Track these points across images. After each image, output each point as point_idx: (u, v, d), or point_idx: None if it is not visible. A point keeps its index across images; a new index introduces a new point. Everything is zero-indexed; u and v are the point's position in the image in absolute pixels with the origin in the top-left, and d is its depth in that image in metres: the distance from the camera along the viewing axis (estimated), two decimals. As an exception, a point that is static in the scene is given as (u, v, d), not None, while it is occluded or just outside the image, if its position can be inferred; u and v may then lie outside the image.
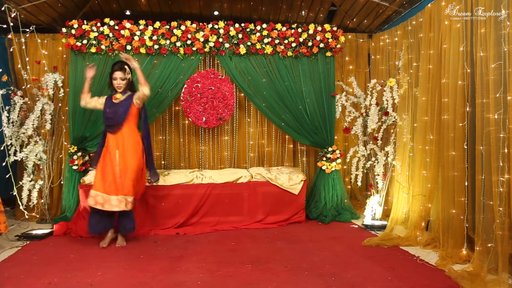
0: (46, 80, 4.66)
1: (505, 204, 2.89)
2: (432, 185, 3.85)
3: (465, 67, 3.42)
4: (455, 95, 3.49)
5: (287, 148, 5.54)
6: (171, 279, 3.02)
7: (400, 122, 4.40)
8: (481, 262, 3.02)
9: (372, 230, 4.39)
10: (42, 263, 3.37)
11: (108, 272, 3.16)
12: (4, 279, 3.02)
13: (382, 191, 4.62)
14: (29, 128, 4.47)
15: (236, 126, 5.44)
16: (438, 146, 3.76)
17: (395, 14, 5.07)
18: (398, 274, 3.08)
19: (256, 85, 4.94)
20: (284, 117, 4.99)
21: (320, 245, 3.84)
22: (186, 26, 4.78)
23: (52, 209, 4.98)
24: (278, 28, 4.90)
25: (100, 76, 4.73)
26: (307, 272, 3.13)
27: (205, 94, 4.92)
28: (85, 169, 4.78)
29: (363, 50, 5.65)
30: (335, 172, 5.00)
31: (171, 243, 3.95)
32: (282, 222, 4.64)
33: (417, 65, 4.19)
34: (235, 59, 4.92)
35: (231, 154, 5.46)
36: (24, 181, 4.58)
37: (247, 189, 4.64)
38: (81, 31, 4.63)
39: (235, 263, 3.34)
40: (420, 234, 3.88)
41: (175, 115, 5.36)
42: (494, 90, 3.01)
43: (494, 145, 2.98)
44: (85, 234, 4.13)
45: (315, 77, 5.02)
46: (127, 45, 4.72)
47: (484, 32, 3.14)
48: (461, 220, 3.43)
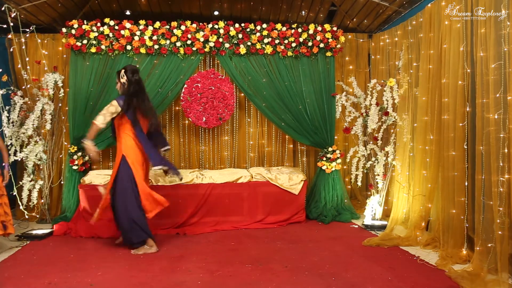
0: (46, 80, 4.65)
1: (505, 204, 2.89)
2: (432, 185, 3.85)
3: (465, 67, 3.42)
4: (455, 95, 3.49)
5: (287, 148, 5.54)
6: (171, 279, 3.02)
7: (400, 122, 4.40)
8: (481, 262, 3.02)
9: (372, 230, 4.39)
10: (42, 263, 3.37)
11: (108, 272, 3.16)
12: (4, 279, 3.03)
13: (382, 191, 4.62)
14: (29, 128, 4.47)
15: (236, 126, 5.43)
16: (438, 146, 3.76)
17: (395, 14, 5.07)
18: (398, 274, 3.08)
19: (256, 85, 4.94)
20: (284, 117, 4.99)
21: (320, 245, 3.84)
22: (186, 26, 4.78)
23: (52, 209, 4.98)
24: (278, 28, 4.90)
25: (100, 76, 4.74)
26: (307, 272, 3.13)
27: (205, 94, 4.92)
28: (85, 169, 4.79)
29: (363, 50, 5.65)
30: (335, 172, 5.00)
31: (171, 243, 3.95)
32: (282, 222, 4.64)
33: (417, 65, 4.19)
34: (235, 59, 4.92)
35: (231, 154, 5.46)
36: (24, 181, 4.58)
37: (247, 189, 4.64)
38: (81, 31, 4.63)
39: (235, 263, 3.34)
40: (420, 234, 3.88)
41: (175, 115, 5.36)
42: (494, 90, 3.01)
43: (494, 145, 2.98)
44: (85, 234, 4.14)
45: (315, 77, 5.02)
46: (127, 45, 4.72)
47: (484, 32, 3.14)
48: (461, 220, 3.43)
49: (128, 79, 3.70)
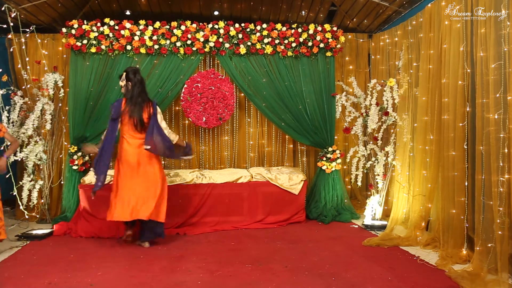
0: (46, 80, 4.66)
1: (505, 204, 2.89)
2: (432, 185, 3.85)
3: (465, 67, 3.42)
4: (455, 95, 3.49)
5: (287, 148, 5.54)
6: (171, 279, 3.02)
7: (400, 122, 4.40)
8: (481, 262, 3.02)
9: (372, 230, 4.39)
10: (42, 263, 3.37)
11: (108, 272, 3.16)
12: (4, 279, 3.03)
13: (382, 191, 4.62)
14: (29, 128, 4.47)
15: (236, 126, 5.43)
16: (438, 146, 3.76)
17: (395, 14, 5.07)
18: (398, 274, 3.08)
19: (256, 85, 4.94)
20: (284, 117, 4.99)
21: (320, 245, 3.84)
22: (186, 26, 4.78)
23: (52, 209, 4.98)
24: (278, 28, 4.90)
25: (100, 76, 4.74)
26: (307, 272, 3.13)
27: (205, 94, 4.92)
28: (85, 169, 4.79)
29: (363, 50, 5.65)
30: (335, 172, 5.00)
31: (171, 243, 3.95)
32: (282, 222, 4.64)
33: (417, 65, 4.19)
34: (235, 59, 4.92)
35: (231, 154, 5.46)
36: (24, 181, 4.58)
37: (247, 189, 4.64)
38: (81, 31, 4.63)
39: (235, 263, 3.34)
40: (420, 234, 3.88)
41: (175, 115, 5.36)
42: (494, 90, 3.01)
43: (494, 145, 2.98)
44: (85, 234, 4.14)
45: (315, 77, 5.02)
46: (127, 45, 4.72)
47: (484, 32, 3.14)
48: (461, 220, 3.43)
49: (131, 79, 3.78)
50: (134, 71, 3.80)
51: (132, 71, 3.80)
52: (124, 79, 3.80)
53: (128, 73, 3.79)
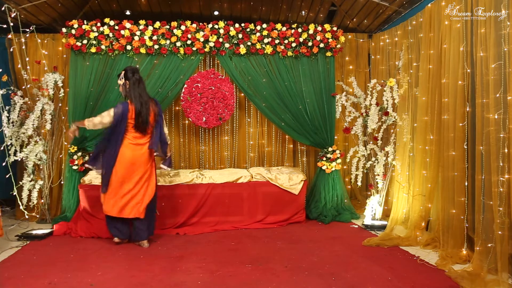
0: (46, 80, 4.66)
1: (505, 204, 2.89)
2: (432, 185, 3.85)
3: (465, 67, 3.42)
4: (455, 95, 3.49)
5: (287, 148, 5.54)
6: (171, 279, 3.02)
7: (400, 122, 4.40)
8: (481, 262, 3.02)
9: (372, 230, 4.39)
10: (42, 263, 3.37)
11: (108, 272, 3.16)
12: (4, 279, 3.02)
13: (382, 191, 4.62)
14: (29, 128, 4.47)
15: (236, 126, 5.44)
16: (438, 146, 3.76)
17: (395, 14, 5.07)
18: (398, 274, 3.08)
19: (256, 85, 4.94)
20: (284, 117, 4.99)
21: (320, 245, 3.84)
22: (186, 26, 4.78)
23: (52, 209, 4.98)
24: (278, 28, 4.90)
25: (100, 76, 4.74)
26: (307, 272, 3.13)
27: (205, 94, 4.92)
28: (85, 169, 4.78)
29: (363, 50, 5.65)
30: (335, 172, 5.00)
31: (171, 243, 3.95)
32: (282, 222, 4.64)
33: (417, 65, 4.19)
34: (235, 59, 4.92)
35: (231, 154, 5.46)
36: (24, 181, 4.58)
37: (247, 189, 4.64)
38: (81, 31, 4.63)
39: (235, 263, 3.34)
40: (420, 234, 3.88)
41: (175, 115, 5.36)
42: (494, 90, 3.01)
43: (494, 145, 2.98)
44: (85, 234, 4.14)
45: (315, 77, 5.02)
46: (127, 45, 4.72)
47: (484, 32, 3.14)
48: (461, 220, 3.43)
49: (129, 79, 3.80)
50: (133, 70, 3.82)
51: (131, 70, 3.82)
52: (122, 78, 3.81)
53: (127, 72, 3.80)
